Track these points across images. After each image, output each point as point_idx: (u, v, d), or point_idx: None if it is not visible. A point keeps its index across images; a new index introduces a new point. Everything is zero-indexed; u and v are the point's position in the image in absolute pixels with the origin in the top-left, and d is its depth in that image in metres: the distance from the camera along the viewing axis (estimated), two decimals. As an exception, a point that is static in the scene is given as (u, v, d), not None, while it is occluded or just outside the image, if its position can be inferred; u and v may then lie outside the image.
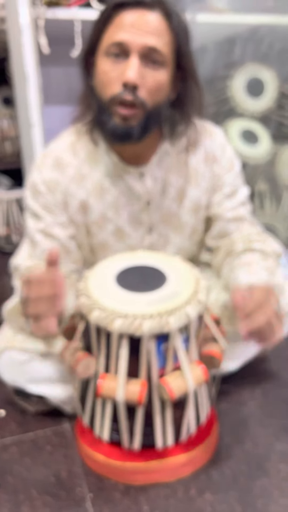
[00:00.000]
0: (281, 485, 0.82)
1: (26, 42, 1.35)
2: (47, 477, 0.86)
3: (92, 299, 0.77)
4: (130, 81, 0.81)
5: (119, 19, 0.83)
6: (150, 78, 0.83)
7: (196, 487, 0.82)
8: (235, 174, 1.03)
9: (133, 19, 0.82)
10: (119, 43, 0.82)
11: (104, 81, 0.85)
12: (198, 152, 1.00)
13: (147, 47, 0.81)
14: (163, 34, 0.83)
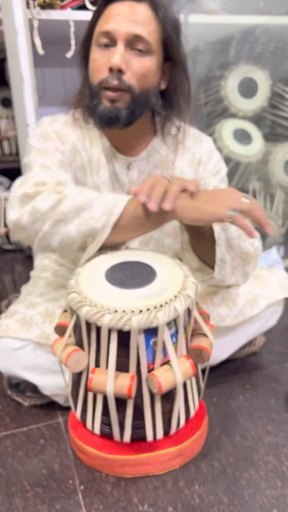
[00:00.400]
0: (268, 477, 0.83)
1: (21, 42, 1.37)
2: (39, 470, 0.87)
3: (82, 295, 0.78)
4: (115, 65, 0.87)
5: (108, 11, 0.90)
6: (136, 63, 0.89)
7: (185, 479, 0.84)
8: (220, 178, 1.07)
9: (120, 9, 0.89)
10: (106, 32, 0.89)
11: (94, 68, 0.92)
12: (185, 154, 1.05)
13: (132, 35, 0.88)
14: (149, 24, 0.89)
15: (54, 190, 0.85)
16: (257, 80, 1.66)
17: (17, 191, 0.88)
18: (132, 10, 0.88)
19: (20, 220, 0.85)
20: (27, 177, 0.91)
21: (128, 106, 0.91)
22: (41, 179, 0.88)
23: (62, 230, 0.83)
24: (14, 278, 1.90)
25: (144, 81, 0.91)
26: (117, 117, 0.91)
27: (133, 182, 1.03)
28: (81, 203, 0.82)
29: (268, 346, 1.26)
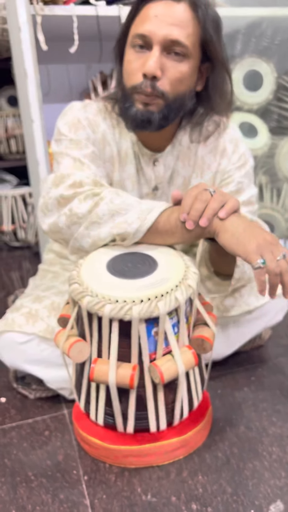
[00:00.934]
0: (272, 467, 0.83)
1: (24, 39, 1.38)
2: (44, 460, 0.88)
3: (84, 286, 0.79)
4: (149, 72, 0.84)
5: (145, 11, 0.86)
6: (172, 69, 0.86)
7: (188, 469, 0.84)
8: (245, 172, 1.03)
9: (158, 10, 0.84)
10: (142, 35, 0.85)
11: (128, 70, 0.89)
12: (209, 143, 1.01)
13: (169, 39, 0.84)
14: (187, 26, 0.84)
15: (92, 192, 0.84)
16: (262, 72, 1.65)
17: (53, 192, 0.86)
18: (170, 11, 0.84)
19: (57, 222, 0.85)
20: (62, 173, 0.89)
21: (162, 110, 0.88)
22: (78, 179, 0.86)
23: (94, 233, 0.83)
24: (21, 274, 1.91)
25: (179, 86, 0.88)
26: (149, 120, 0.89)
27: (159, 177, 1.01)
28: (117, 207, 0.82)
29: (274, 339, 1.25)
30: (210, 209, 0.77)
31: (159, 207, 0.82)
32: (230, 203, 0.79)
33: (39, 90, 1.43)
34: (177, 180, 1.03)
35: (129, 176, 1.00)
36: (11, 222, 2.22)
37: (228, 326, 1.07)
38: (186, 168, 1.02)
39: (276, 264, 0.74)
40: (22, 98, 1.61)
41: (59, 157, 0.93)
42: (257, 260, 0.74)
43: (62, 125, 0.96)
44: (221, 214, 0.77)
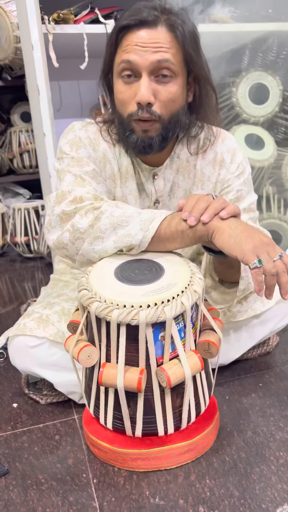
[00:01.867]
0: (280, 471, 0.83)
1: (36, 57, 1.43)
2: (54, 464, 0.90)
3: (92, 291, 0.81)
4: (143, 100, 0.87)
5: (125, 41, 0.88)
6: (163, 92, 0.89)
7: (196, 473, 0.85)
8: (244, 180, 1.05)
9: (139, 39, 0.87)
10: (128, 63, 0.87)
11: (121, 101, 0.92)
12: (207, 155, 1.04)
13: (155, 63, 0.87)
14: (169, 47, 0.87)
15: (92, 207, 0.87)
16: (268, 86, 1.68)
17: (55, 209, 0.90)
18: (151, 38, 0.86)
19: (62, 238, 0.88)
20: (63, 190, 0.92)
21: (160, 133, 0.92)
22: (79, 195, 0.89)
23: (99, 247, 0.86)
24: (34, 285, 1.95)
25: (172, 106, 0.91)
26: (151, 145, 0.93)
27: (160, 191, 1.05)
28: (118, 220, 0.85)
29: (282, 345, 1.26)
30: (212, 208, 0.81)
31: (159, 216, 0.85)
32: (231, 205, 0.83)
33: (51, 105, 1.48)
34: (178, 193, 1.06)
35: (130, 191, 1.03)
36: (24, 234, 2.26)
37: (235, 330, 1.08)
38: (186, 180, 1.05)
39: (272, 264, 0.76)
40: (34, 113, 1.67)
41: (61, 175, 0.97)
42: (253, 261, 0.76)
43: (64, 144, 1.00)
44: (223, 214, 0.81)
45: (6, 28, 2.17)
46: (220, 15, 1.60)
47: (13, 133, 2.75)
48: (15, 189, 2.96)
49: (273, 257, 0.77)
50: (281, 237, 1.76)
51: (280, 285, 0.78)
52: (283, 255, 0.78)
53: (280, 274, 0.77)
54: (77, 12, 1.51)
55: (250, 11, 1.62)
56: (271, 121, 1.72)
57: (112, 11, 1.57)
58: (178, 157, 1.04)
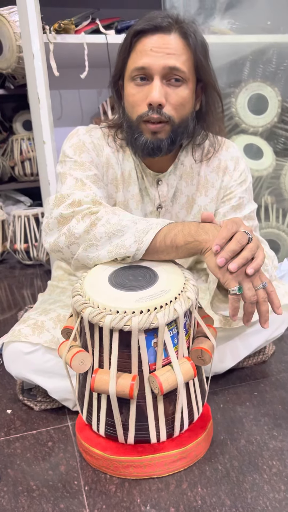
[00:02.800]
0: (272, 481, 0.83)
1: (37, 65, 1.45)
2: (46, 470, 0.89)
3: (86, 297, 0.81)
4: (155, 101, 0.89)
5: (140, 45, 0.91)
6: (174, 95, 0.91)
7: (188, 481, 0.84)
8: (246, 188, 1.07)
9: (152, 43, 0.90)
10: (141, 68, 0.90)
11: (131, 103, 0.94)
12: (211, 162, 1.06)
13: (167, 68, 0.89)
14: (181, 53, 0.90)
15: (89, 211, 0.88)
16: (267, 96, 1.69)
17: (54, 212, 0.90)
18: (165, 43, 0.89)
19: (58, 242, 0.89)
20: (62, 193, 0.93)
21: (169, 136, 0.93)
22: (77, 199, 0.90)
23: (93, 255, 0.87)
24: (33, 291, 1.95)
25: (182, 110, 0.93)
26: (159, 147, 0.94)
27: (163, 196, 1.05)
28: (114, 229, 0.85)
29: (277, 355, 1.26)
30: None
31: (154, 228, 0.84)
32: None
33: (51, 113, 1.49)
34: (180, 199, 1.07)
35: (132, 196, 1.04)
36: (24, 241, 2.27)
37: (231, 338, 1.08)
38: (189, 187, 1.06)
39: (253, 293, 0.77)
40: (35, 121, 1.68)
41: (62, 178, 0.98)
42: (233, 287, 0.77)
43: (67, 148, 1.01)
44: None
45: (9, 38, 2.20)
46: (219, 27, 1.62)
47: (15, 141, 2.78)
48: (16, 196, 2.97)
49: (256, 285, 0.78)
50: (279, 246, 1.76)
51: (260, 314, 0.79)
52: (267, 285, 0.79)
53: (260, 303, 0.78)
54: (78, 23, 1.53)
55: (249, 23, 1.64)
56: (270, 131, 1.73)
57: (113, 22, 1.59)
58: (182, 164, 1.05)
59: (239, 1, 1.61)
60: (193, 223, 0.85)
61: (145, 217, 0.94)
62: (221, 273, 0.78)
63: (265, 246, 1.06)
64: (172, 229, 0.84)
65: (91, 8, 1.61)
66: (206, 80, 0.96)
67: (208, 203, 1.07)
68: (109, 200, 1.04)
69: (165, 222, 0.86)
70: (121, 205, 1.05)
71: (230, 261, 0.77)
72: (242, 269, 0.78)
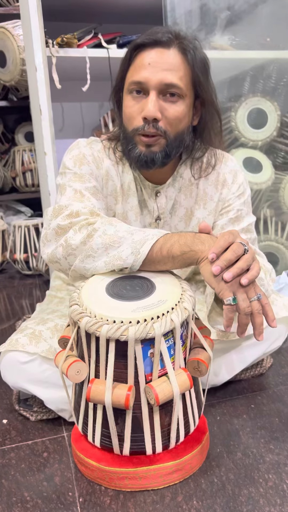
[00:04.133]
0: (268, 494, 0.82)
1: (40, 78, 1.47)
2: (40, 481, 0.89)
3: (83, 307, 0.82)
4: (150, 115, 0.90)
5: (139, 59, 0.92)
6: (170, 109, 0.92)
7: (183, 494, 0.84)
8: (244, 200, 1.07)
9: (151, 58, 0.91)
10: (138, 82, 0.91)
11: (128, 115, 0.95)
12: (210, 176, 1.07)
13: (164, 83, 0.90)
14: (179, 69, 0.91)
15: (87, 222, 0.88)
16: (266, 110, 1.71)
17: (52, 223, 0.91)
18: (163, 58, 0.90)
19: (55, 253, 0.89)
20: (60, 204, 0.93)
21: (164, 149, 0.94)
22: (75, 210, 0.91)
23: (90, 266, 0.87)
24: (32, 302, 1.95)
25: (178, 125, 0.94)
26: (153, 160, 0.95)
27: (161, 208, 1.06)
28: (110, 240, 0.85)
29: (275, 367, 1.25)
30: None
31: (151, 239, 0.84)
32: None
33: (52, 125, 1.51)
34: (179, 211, 1.08)
35: (132, 207, 1.05)
36: (24, 251, 2.28)
37: (228, 351, 1.08)
38: (188, 200, 1.07)
39: (247, 304, 0.77)
40: (36, 132, 1.70)
41: (62, 189, 0.99)
42: (228, 297, 0.77)
43: (68, 160, 1.02)
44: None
45: (13, 51, 2.23)
46: (220, 42, 1.64)
47: (16, 152, 2.80)
48: (17, 207, 2.99)
49: (251, 297, 0.78)
50: (278, 259, 1.77)
51: (254, 326, 0.79)
52: (261, 297, 0.79)
53: (255, 315, 0.78)
54: (80, 37, 1.56)
55: (249, 39, 1.66)
56: (269, 145, 1.75)
57: (115, 37, 1.61)
58: (181, 177, 1.06)
59: (239, 18, 1.64)
60: (189, 234, 0.85)
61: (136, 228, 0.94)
62: (216, 283, 0.78)
63: (262, 259, 1.07)
64: (168, 239, 0.85)
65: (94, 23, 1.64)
66: (204, 97, 0.96)
67: (207, 216, 1.08)
68: (109, 212, 1.05)
69: (162, 233, 0.86)
70: (120, 217, 1.06)
71: (225, 270, 0.78)
72: (237, 279, 0.78)
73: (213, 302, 0.95)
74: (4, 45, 2.27)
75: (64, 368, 0.83)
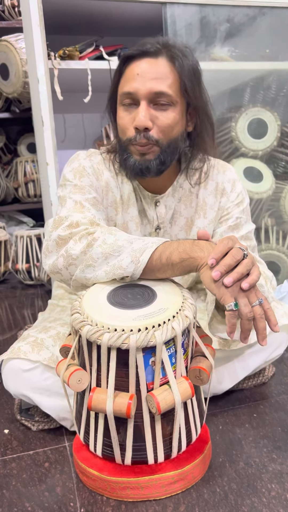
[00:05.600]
0: (271, 504, 0.81)
1: (42, 90, 1.49)
2: (42, 492, 0.88)
3: (84, 315, 0.82)
4: (140, 125, 0.91)
5: (128, 71, 0.94)
6: (161, 117, 0.93)
7: (186, 503, 0.83)
8: (243, 209, 1.08)
9: (140, 69, 0.92)
10: (128, 93, 0.93)
11: (121, 126, 0.97)
12: (209, 185, 1.08)
13: (153, 92, 0.91)
14: (167, 77, 0.92)
15: (87, 232, 0.89)
16: (266, 120, 1.73)
17: (52, 234, 0.92)
18: (151, 67, 0.92)
19: (56, 263, 0.90)
20: (61, 216, 0.94)
21: (158, 157, 0.95)
22: (75, 220, 0.91)
23: (91, 275, 0.88)
24: (33, 312, 1.95)
25: (170, 132, 0.95)
26: (148, 168, 0.96)
27: (161, 218, 1.07)
28: (110, 249, 0.86)
29: (277, 376, 1.25)
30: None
31: (150, 247, 0.85)
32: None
33: (54, 136, 1.52)
34: (179, 221, 1.09)
35: (132, 218, 1.06)
36: (26, 261, 2.28)
37: (230, 359, 1.08)
38: (188, 209, 1.08)
39: (249, 309, 0.77)
40: (39, 143, 1.72)
41: (62, 201, 1.00)
42: (230, 303, 0.77)
43: (68, 172, 1.03)
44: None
45: (15, 64, 2.26)
46: (220, 54, 1.66)
47: (19, 163, 2.82)
48: (19, 217, 3.00)
49: (252, 302, 0.78)
50: (280, 268, 1.77)
51: (257, 331, 0.79)
52: (263, 302, 0.79)
53: (257, 320, 0.78)
54: (82, 49, 1.58)
55: (248, 51, 1.68)
56: (269, 155, 1.76)
57: (116, 49, 1.64)
58: (181, 187, 1.07)
59: (239, 30, 1.66)
60: (188, 241, 0.86)
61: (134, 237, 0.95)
62: (216, 288, 0.78)
63: (263, 266, 1.07)
64: (167, 247, 0.85)
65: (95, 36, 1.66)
66: (194, 103, 0.97)
67: (207, 225, 1.08)
68: (109, 222, 1.06)
69: (161, 241, 0.87)
70: (121, 227, 1.06)
71: (226, 275, 0.78)
72: (238, 284, 0.78)
73: (214, 309, 0.96)
74: (7, 58, 2.30)
75: (66, 377, 0.83)
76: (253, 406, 1.11)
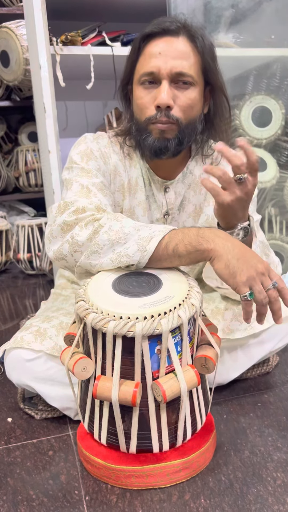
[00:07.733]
0: (276, 492, 0.81)
1: (44, 76, 1.47)
2: (46, 480, 0.88)
3: (89, 303, 0.81)
4: (163, 103, 0.91)
5: (148, 49, 0.93)
6: (182, 97, 0.93)
7: (191, 492, 0.83)
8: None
9: (160, 48, 0.91)
10: (150, 72, 0.92)
11: (140, 106, 0.95)
12: None
13: (175, 72, 0.91)
14: (189, 57, 0.92)
15: (93, 218, 0.87)
16: (270, 109, 1.70)
17: (57, 219, 0.90)
18: (172, 46, 0.91)
19: (61, 249, 0.89)
20: (66, 200, 0.92)
21: (177, 136, 0.94)
22: (81, 206, 0.90)
23: (96, 262, 0.86)
24: (35, 301, 1.95)
25: (190, 112, 0.94)
26: (167, 147, 0.95)
27: (170, 203, 1.06)
28: (116, 236, 0.84)
29: (282, 365, 1.24)
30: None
31: (157, 235, 0.84)
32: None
33: (56, 123, 1.50)
34: (188, 208, 1.07)
35: (139, 203, 1.05)
36: (27, 251, 2.27)
37: (235, 349, 1.07)
38: (197, 196, 1.07)
39: (264, 295, 0.77)
40: (40, 130, 1.70)
41: (68, 184, 0.98)
42: (245, 293, 0.77)
43: (75, 154, 1.01)
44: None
45: (16, 51, 2.23)
46: (224, 40, 1.64)
47: (20, 152, 2.80)
48: (20, 207, 2.98)
49: (267, 286, 0.78)
50: (283, 258, 1.76)
51: (273, 312, 0.79)
52: (277, 284, 0.78)
53: (272, 302, 0.78)
54: (84, 35, 1.55)
55: (253, 37, 1.66)
56: (273, 143, 1.74)
57: (119, 35, 1.61)
58: (191, 173, 1.06)
59: (244, 16, 1.64)
60: (192, 231, 0.84)
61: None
62: (231, 279, 0.78)
63: (270, 252, 1.06)
64: (173, 237, 0.84)
65: (98, 21, 1.63)
66: (214, 83, 0.97)
67: None
68: (116, 208, 1.04)
69: (168, 229, 0.85)
70: (127, 212, 1.05)
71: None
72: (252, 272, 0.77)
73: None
74: (8, 44, 2.27)
75: (70, 365, 0.82)
76: (257, 395, 1.11)
